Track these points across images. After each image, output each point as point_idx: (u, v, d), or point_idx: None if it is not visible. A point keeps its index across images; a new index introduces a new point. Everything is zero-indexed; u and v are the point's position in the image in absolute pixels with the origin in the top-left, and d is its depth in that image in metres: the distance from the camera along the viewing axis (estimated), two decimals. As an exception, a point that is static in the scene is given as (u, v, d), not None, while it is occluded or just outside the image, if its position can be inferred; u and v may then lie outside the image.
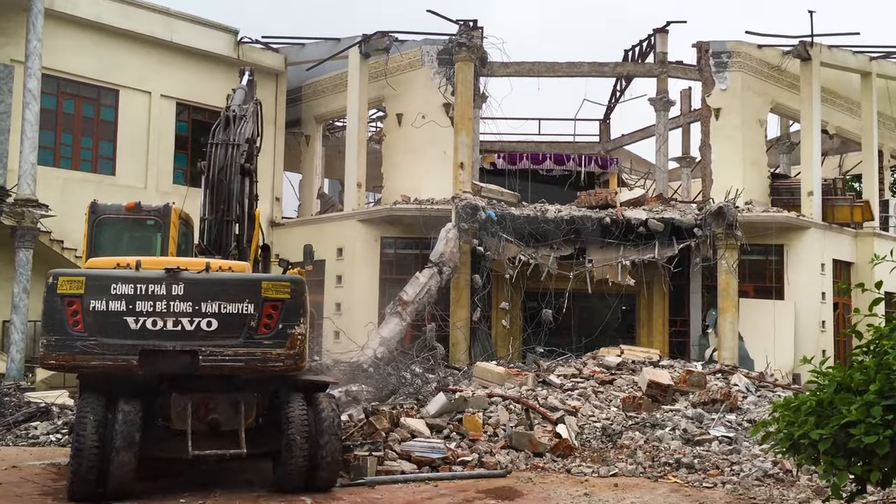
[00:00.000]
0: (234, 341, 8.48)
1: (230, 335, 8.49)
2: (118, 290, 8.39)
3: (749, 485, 10.15)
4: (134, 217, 10.81)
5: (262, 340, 8.54)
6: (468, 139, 21.00)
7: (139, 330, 8.38)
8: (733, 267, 19.42)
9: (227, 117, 10.63)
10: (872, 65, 24.40)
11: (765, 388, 15.68)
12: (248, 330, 8.52)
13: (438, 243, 18.62)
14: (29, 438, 12.92)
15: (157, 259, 9.36)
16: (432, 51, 22.45)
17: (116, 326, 8.35)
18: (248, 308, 8.54)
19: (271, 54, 24.28)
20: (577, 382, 15.06)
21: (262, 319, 8.56)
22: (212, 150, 10.29)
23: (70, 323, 8.30)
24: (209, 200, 10.15)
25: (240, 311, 8.52)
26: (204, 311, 8.46)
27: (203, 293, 8.51)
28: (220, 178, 10.15)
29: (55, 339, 8.29)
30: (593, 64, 23.81)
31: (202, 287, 8.56)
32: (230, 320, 8.51)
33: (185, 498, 8.78)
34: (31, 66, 18.19)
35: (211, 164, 10.20)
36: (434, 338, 18.38)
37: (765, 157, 23.97)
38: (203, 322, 8.46)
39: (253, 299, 8.57)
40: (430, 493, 9.49)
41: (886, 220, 25.99)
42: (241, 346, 8.48)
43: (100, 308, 8.35)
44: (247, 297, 8.56)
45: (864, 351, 4.92)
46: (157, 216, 10.79)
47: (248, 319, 8.53)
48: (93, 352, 8.28)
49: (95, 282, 8.44)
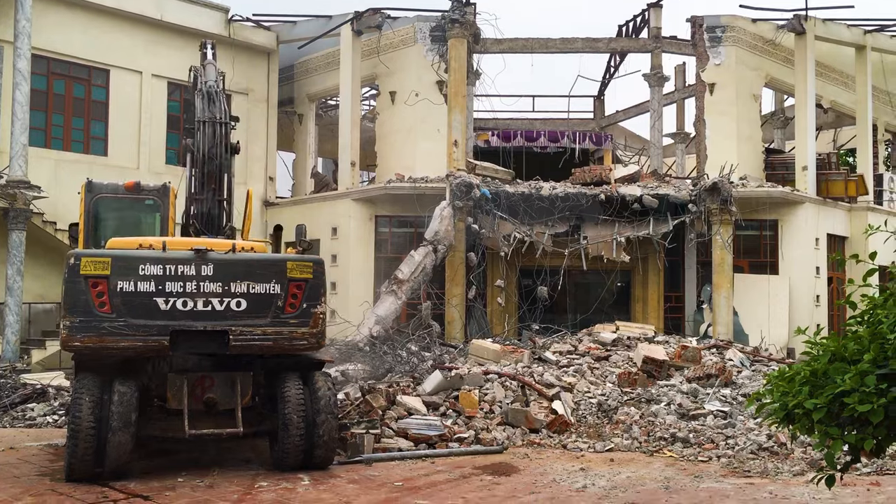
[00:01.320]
0: (262, 321, 8.62)
1: (259, 315, 8.62)
2: (147, 271, 8.40)
3: (744, 458, 10.23)
4: (131, 196, 10.74)
5: (288, 320, 8.70)
6: (462, 117, 20.91)
7: (169, 310, 8.41)
8: (728, 242, 19.44)
9: (208, 93, 10.52)
10: (867, 38, 24.31)
11: (759, 363, 15.75)
12: (276, 309, 8.67)
13: (433, 221, 18.59)
14: (25, 420, 12.95)
15: (182, 240, 9.35)
16: (425, 28, 22.30)
17: (146, 307, 8.35)
18: (275, 288, 8.69)
19: (263, 32, 24.10)
20: (572, 359, 15.11)
21: (288, 299, 8.72)
22: (200, 128, 10.19)
23: (96, 304, 8.25)
24: (199, 179, 10.11)
25: (267, 291, 8.66)
26: (233, 291, 8.56)
27: (232, 273, 8.62)
28: (210, 156, 10.09)
29: (79, 320, 8.23)
30: (587, 40, 23.68)
31: (231, 267, 8.66)
32: (259, 300, 8.65)
33: (183, 477, 8.81)
34: (21, 46, 18.03)
35: (200, 143, 10.12)
36: (430, 316, 18.40)
37: (759, 132, 23.93)
38: (233, 302, 8.57)
39: (279, 279, 8.72)
40: (427, 469, 9.53)
41: (880, 194, 25.98)
42: (269, 326, 8.64)
43: (128, 289, 8.33)
44: (273, 277, 8.71)
45: (858, 321, 4.94)
46: (156, 196, 10.74)
47: (275, 299, 8.68)
48: (122, 333, 8.27)
49: (122, 262, 8.43)
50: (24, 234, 17.86)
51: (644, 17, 24.50)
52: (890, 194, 26.37)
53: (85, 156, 20.83)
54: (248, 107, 23.76)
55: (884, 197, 26.02)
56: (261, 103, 24.04)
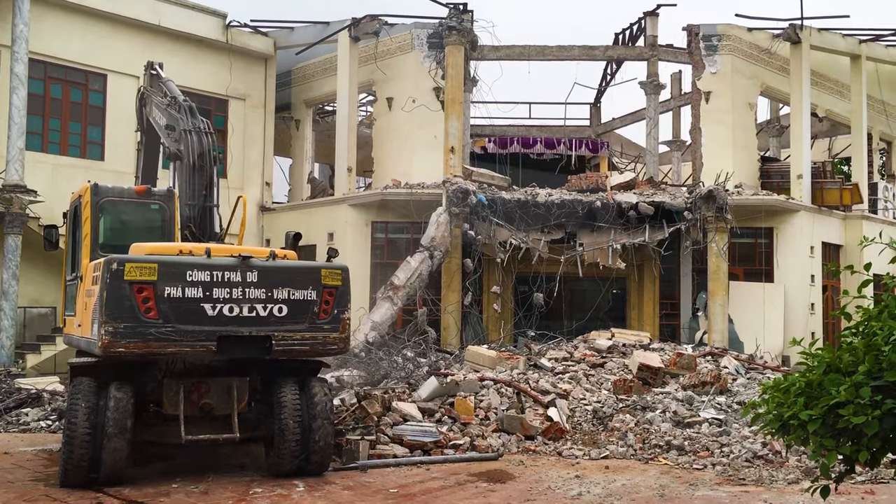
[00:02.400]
0: (301, 326, 8.86)
1: (297, 321, 8.85)
2: (194, 277, 8.49)
3: (739, 466, 10.25)
4: (136, 200, 10.74)
5: (322, 325, 8.97)
6: (459, 123, 20.94)
7: (216, 316, 8.52)
8: (723, 250, 19.49)
9: (189, 107, 10.65)
10: (862, 48, 24.43)
11: (754, 371, 15.77)
12: (312, 315, 8.92)
13: (429, 228, 18.61)
14: (20, 425, 12.92)
15: (220, 247, 9.42)
16: (422, 34, 22.35)
17: (193, 313, 8.45)
18: (312, 294, 8.95)
19: (260, 38, 24.12)
20: (568, 366, 15.12)
21: (322, 305, 8.99)
22: (188, 137, 10.24)
23: (142, 310, 8.28)
24: (191, 186, 10.15)
25: (305, 297, 8.92)
26: (276, 297, 8.78)
27: (275, 280, 8.83)
28: (201, 164, 10.15)
29: (124, 326, 8.24)
30: (584, 48, 23.75)
31: (274, 274, 8.87)
32: (298, 306, 8.88)
33: (178, 483, 8.81)
34: (18, 50, 18.03)
35: (189, 151, 10.17)
36: (425, 322, 18.42)
37: (755, 141, 24.02)
38: (275, 308, 8.76)
39: (315, 286, 8.98)
40: (423, 476, 9.54)
41: (875, 202, 26.09)
42: (307, 331, 8.89)
43: (175, 295, 8.41)
44: (310, 284, 8.97)
45: (852, 332, 4.96)
46: (162, 201, 10.73)
47: (311, 305, 8.93)
48: (169, 338, 8.33)
49: (169, 269, 8.49)
50: (20, 238, 17.84)
51: (640, 25, 24.60)
52: (885, 203, 26.48)
53: (82, 160, 20.81)
54: (245, 112, 23.77)
55: (878, 206, 26.13)
56: (258, 109, 24.05)
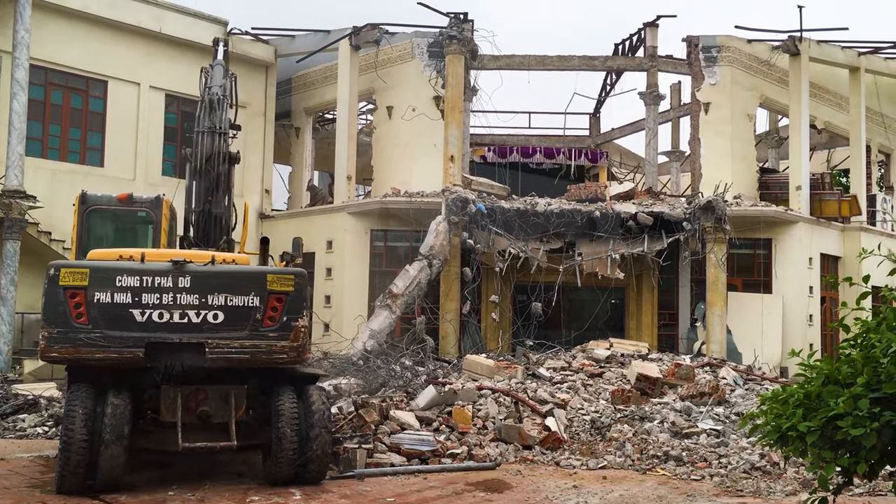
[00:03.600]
0: (240, 334, 8.51)
1: (236, 328, 8.51)
2: (123, 283, 8.33)
3: (737, 477, 10.24)
4: (125, 208, 10.72)
5: (266, 333, 8.58)
6: (458, 132, 20.98)
7: (145, 322, 8.34)
8: (722, 261, 19.51)
9: (210, 101, 10.49)
10: (861, 60, 24.51)
11: (753, 382, 15.76)
12: (254, 322, 8.56)
13: (428, 236, 18.61)
14: (17, 430, 12.88)
15: (162, 251, 9.31)
16: (423, 43, 22.42)
17: (122, 319, 8.29)
18: (254, 301, 8.59)
19: (261, 46, 24.18)
20: (566, 375, 15.10)
21: (268, 312, 8.61)
22: (198, 139, 10.19)
23: (73, 315, 8.20)
24: (196, 190, 10.12)
25: (245, 303, 8.57)
26: (210, 303, 8.48)
27: (210, 286, 8.53)
28: (208, 167, 10.10)
29: (57, 331, 8.18)
30: (584, 58, 23.82)
31: (209, 280, 8.57)
32: (236, 313, 8.54)
33: (175, 490, 8.78)
34: (19, 56, 18.07)
35: (198, 153, 10.12)
36: (424, 331, 18.39)
37: (753, 152, 24.08)
38: (210, 314, 8.48)
39: (259, 292, 8.62)
40: (420, 485, 9.52)
41: (874, 214, 26.14)
42: (247, 339, 8.52)
43: (105, 300, 8.28)
44: (252, 289, 8.61)
45: (851, 344, 4.97)
46: (148, 208, 10.72)
47: (253, 312, 8.57)
48: (98, 344, 8.21)
49: (100, 273, 8.36)
50: (18, 243, 17.83)
51: (640, 36, 24.68)
52: (883, 215, 26.53)
53: (81, 166, 20.84)
54: (246, 119, 23.74)
55: (877, 217, 26.18)
56: (258, 116, 24.08)
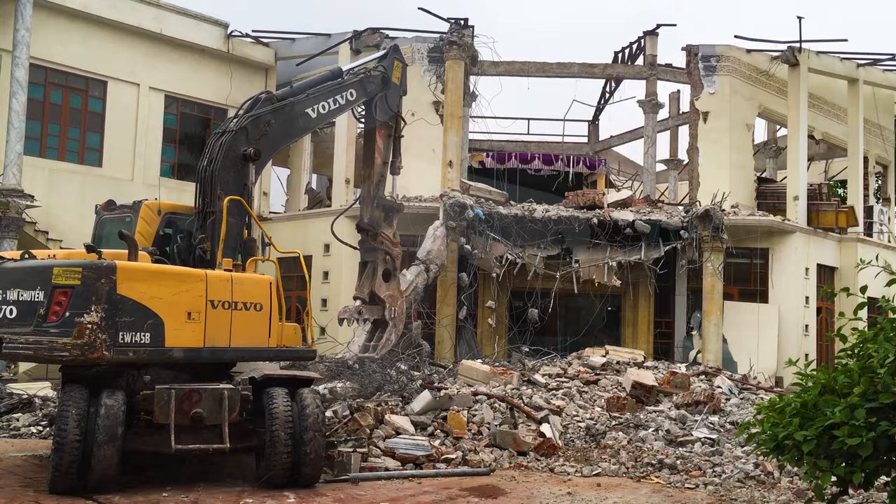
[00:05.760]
0: (26, 329, 8.30)
1: (24, 323, 8.35)
2: None
3: (731, 486, 10.21)
4: (114, 215, 10.71)
5: (48, 329, 8.25)
6: (457, 137, 21.00)
7: None
8: (718, 270, 19.52)
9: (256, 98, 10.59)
10: (860, 71, 24.58)
11: (748, 391, 15.76)
12: (38, 318, 8.29)
13: (426, 241, 18.61)
14: (10, 430, 12.84)
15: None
16: (423, 48, 22.45)
17: None
18: (39, 295, 8.35)
19: (261, 48, 24.20)
20: (561, 382, 15.09)
21: (52, 307, 8.29)
22: (211, 141, 10.29)
23: None
24: (199, 192, 10.20)
25: (32, 298, 8.38)
26: (7, 298, 8.50)
27: (8, 281, 8.57)
28: (212, 168, 10.16)
29: None
30: (583, 65, 23.87)
31: (7, 275, 8.63)
32: (25, 308, 8.41)
33: (168, 492, 8.74)
34: (19, 55, 18.06)
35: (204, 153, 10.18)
36: (420, 335, 18.36)
37: (751, 161, 24.12)
38: (7, 310, 8.48)
39: (44, 286, 8.35)
40: (414, 490, 9.49)
41: (870, 225, 26.18)
42: (31, 335, 8.26)
43: None
44: (38, 284, 8.39)
45: (848, 354, 4.97)
46: (129, 212, 10.68)
47: (38, 307, 8.32)
48: None
49: None
50: (15, 242, 17.79)
51: (640, 44, 24.75)
52: (880, 226, 26.57)
53: (80, 166, 20.83)
54: (244, 121, 23.79)
55: (874, 229, 26.22)
56: (257, 118, 24.03)
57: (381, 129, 12.55)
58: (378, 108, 12.55)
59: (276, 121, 10.91)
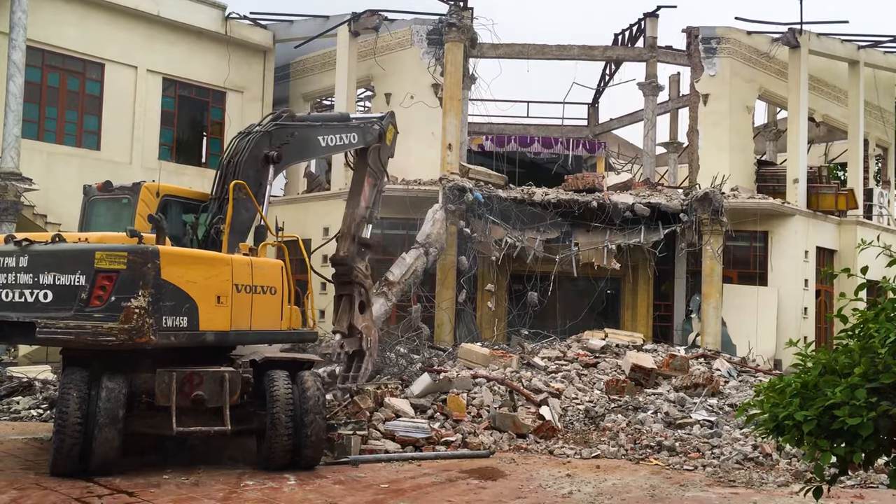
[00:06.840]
0: (65, 313, 8.26)
1: (63, 307, 8.30)
2: None
3: (729, 468, 10.26)
4: (112, 196, 10.66)
5: (92, 313, 8.22)
6: (457, 120, 20.93)
7: None
8: (718, 253, 19.53)
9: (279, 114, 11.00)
10: (860, 54, 24.48)
11: (747, 374, 15.80)
12: (80, 302, 8.26)
13: (425, 224, 18.58)
14: (11, 413, 12.87)
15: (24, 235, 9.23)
16: (422, 31, 22.33)
17: None
18: (80, 279, 8.30)
19: (259, 31, 24.07)
20: (561, 365, 15.12)
21: (95, 291, 8.27)
22: (236, 138, 10.61)
23: None
24: (219, 185, 10.37)
25: (72, 282, 8.32)
26: (41, 282, 8.41)
27: (41, 265, 8.47)
28: (236, 160, 10.31)
29: None
30: (583, 47, 23.75)
31: (42, 259, 8.52)
32: (64, 292, 8.33)
33: (169, 474, 8.78)
34: (16, 37, 17.96)
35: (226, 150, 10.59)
36: (419, 318, 18.37)
37: (751, 144, 24.07)
38: (41, 294, 8.41)
39: (85, 270, 8.30)
40: (414, 472, 9.53)
41: (870, 208, 26.17)
42: (72, 319, 8.22)
43: None
44: (79, 268, 8.32)
45: (848, 335, 4.97)
46: (128, 194, 10.64)
47: (79, 291, 8.28)
48: None
49: None
50: (13, 226, 17.74)
51: (640, 26, 24.60)
52: (879, 209, 26.55)
53: (77, 149, 20.77)
54: (243, 105, 23.73)
55: (873, 211, 26.20)
56: (255, 102, 23.99)
57: (369, 177, 13.10)
58: (371, 157, 12.99)
59: (298, 135, 11.15)
